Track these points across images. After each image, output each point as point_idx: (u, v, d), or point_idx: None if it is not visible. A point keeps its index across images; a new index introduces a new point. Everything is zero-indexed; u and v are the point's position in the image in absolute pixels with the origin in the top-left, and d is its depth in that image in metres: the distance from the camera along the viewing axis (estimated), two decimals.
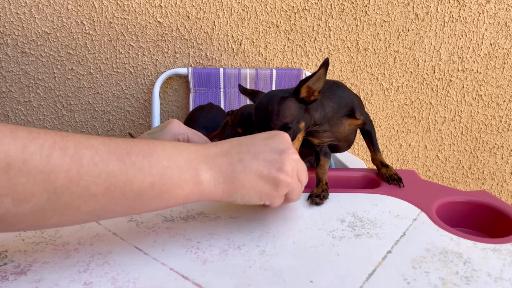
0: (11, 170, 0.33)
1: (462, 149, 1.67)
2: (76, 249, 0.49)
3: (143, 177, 0.41)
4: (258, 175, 0.48)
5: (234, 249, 0.50)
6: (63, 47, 1.31)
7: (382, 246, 0.52)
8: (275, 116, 0.63)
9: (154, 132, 0.62)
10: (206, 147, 0.48)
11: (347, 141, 0.78)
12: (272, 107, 0.64)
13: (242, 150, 0.48)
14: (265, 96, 0.68)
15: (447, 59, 1.49)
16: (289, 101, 0.64)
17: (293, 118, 0.64)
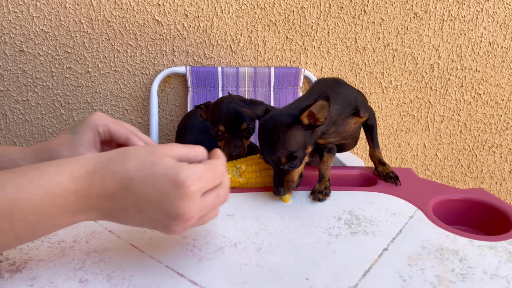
0: None
1: (461, 147, 1.67)
2: (72, 247, 0.49)
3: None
4: (141, 225, 0.43)
5: (230, 247, 0.50)
6: (61, 45, 1.31)
7: (378, 244, 0.52)
8: (281, 146, 0.62)
9: (75, 126, 0.60)
10: (89, 185, 0.40)
11: (353, 139, 0.78)
12: (278, 136, 0.62)
13: (128, 199, 0.40)
14: (270, 119, 0.65)
15: (445, 57, 1.49)
16: (294, 129, 0.62)
17: (299, 146, 0.63)
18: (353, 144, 0.80)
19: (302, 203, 0.63)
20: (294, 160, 0.63)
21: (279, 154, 0.62)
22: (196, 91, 1.36)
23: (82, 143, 0.57)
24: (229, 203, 0.61)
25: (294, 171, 0.64)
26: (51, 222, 0.40)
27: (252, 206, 0.61)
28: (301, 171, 0.67)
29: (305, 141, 0.63)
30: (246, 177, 0.68)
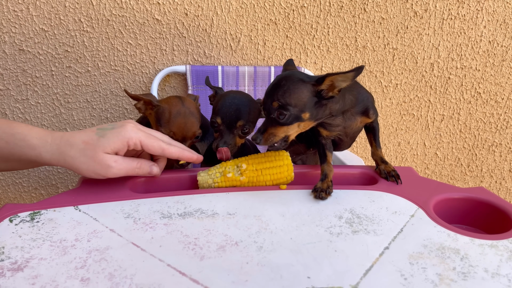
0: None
1: (461, 146, 1.67)
2: (73, 246, 0.49)
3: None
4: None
5: (231, 245, 0.50)
6: (61, 44, 1.31)
7: (379, 242, 0.52)
8: (281, 92, 0.63)
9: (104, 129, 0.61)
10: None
11: (352, 138, 0.79)
12: (284, 83, 0.63)
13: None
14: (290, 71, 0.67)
15: (445, 56, 1.49)
16: (304, 86, 0.63)
17: (298, 104, 0.63)
18: (349, 144, 0.81)
19: (302, 202, 0.63)
20: (285, 112, 0.62)
21: (275, 98, 0.63)
22: (196, 90, 1.36)
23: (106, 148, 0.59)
24: (230, 202, 0.62)
25: (281, 128, 0.64)
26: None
27: (253, 205, 0.61)
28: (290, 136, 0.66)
29: (307, 103, 0.63)
30: (248, 176, 0.68)
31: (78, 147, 0.59)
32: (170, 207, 0.60)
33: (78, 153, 0.59)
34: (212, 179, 0.68)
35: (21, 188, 1.51)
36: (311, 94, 0.63)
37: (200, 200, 0.62)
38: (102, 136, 0.60)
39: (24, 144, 0.59)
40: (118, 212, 0.57)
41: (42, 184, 1.52)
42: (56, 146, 0.59)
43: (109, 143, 0.59)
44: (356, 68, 0.60)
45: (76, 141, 0.59)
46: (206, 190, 0.66)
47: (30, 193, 1.53)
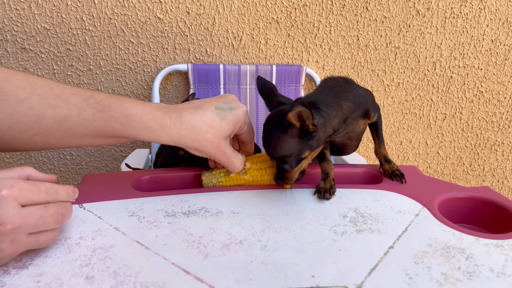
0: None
1: (463, 145, 1.67)
2: (78, 244, 0.49)
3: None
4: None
5: (235, 244, 0.50)
6: (63, 43, 1.31)
7: (384, 242, 0.52)
8: (272, 148, 0.61)
9: (223, 109, 0.59)
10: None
11: (358, 140, 0.77)
12: (271, 138, 0.61)
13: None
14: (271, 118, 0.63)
15: (448, 55, 1.49)
16: (287, 136, 0.60)
17: (291, 152, 0.61)
18: (355, 146, 0.79)
19: (307, 201, 0.63)
20: (285, 164, 0.62)
21: (271, 155, 0.63)
22: (198, 89, 1.36)
23: (226, 132, 0.59)
24: (234, 201, 0.61)
25: (293, 170, 0.64)
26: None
27: (257, 203, 0.61)
28: (303, 168, 0.66)
29: (299, 147, 0.61)
30: (252, 175, 0.68)
31: (201, 129, 0.57)
32: (174, 205, 0.60)
33: (199, 135, 0.57)
34: (216, 178, 0.68)
35: None
36: (296, 138, 0.60)
37: (204, 198, 0.62)
38: (224, 118, 0.58)
39: (141, 127, 0.57)
40: (122, 210, 0.57)
41: None
42: (177, 128, 0.57)
43: (229, 126, 0.58)
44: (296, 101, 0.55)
45: (198, 123, 0.57)
46: (210, 189, 0.66)
47: None
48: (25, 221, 0.41)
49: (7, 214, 0.40)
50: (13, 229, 0.40)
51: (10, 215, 0.40)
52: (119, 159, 1.51)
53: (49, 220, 0.44)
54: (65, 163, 1.50)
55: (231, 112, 0.59)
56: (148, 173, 0.72)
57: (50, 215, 0.44)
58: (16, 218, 0.40)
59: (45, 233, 0.45)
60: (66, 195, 0.47)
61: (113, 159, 1.52)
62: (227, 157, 0.62)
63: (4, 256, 0.42)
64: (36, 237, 0.44)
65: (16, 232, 0.41)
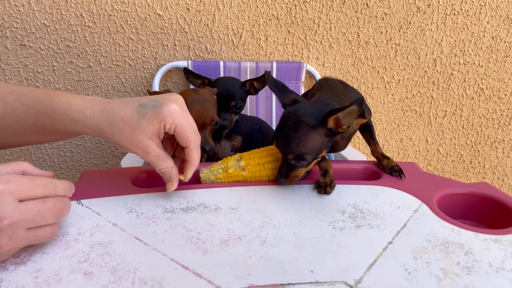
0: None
1: (463, 143, 1.66)
2: (76, 240, 0.49)
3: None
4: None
5: (234, 240, 0.50)
6: (62, 39, 1.30)
7: (383, 237, 0.52)
8: (294, 144, 0.62)
9: (146, 106, 0.55)
10: None
11: (347, 140, 0.79)
12: (296, 135, 0.62)
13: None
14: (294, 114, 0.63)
15: (448, 52, 1.49)
16: (315, 133, 0.61)
17: (314, 150, 0.63)
18: (345, 145, 0.81)
19: (305, 197, 0.63)
20: (302, 161, 0.63)
21: (289, 151, 0.63)
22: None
23: (146, 132, 0.54)
24: (233, 197, 0.61)
25: (301, 169, 0.65)
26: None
27: (256, 199, 0.61)
28: (310, 168, 0.67)
29: (321, 146, 0.63)
30: (250, 171, 0.68)
31: (118, 125, 0.54)
32: (172, 201, 0.59)
33: (117, 131, 0.54)
34: (214, 175, 0.68)
35: None
36: (323, 137, 0.63)
37: (203, 194, 0.62)
38: (142, 116, 0.54)
39: (66, 119, 0.55)
40: (120, 206, 0.57)
41: None
42: (95, 121, 0.54)
43: (149, 125, 0.53)
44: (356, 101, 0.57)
45: (116, 119, 0.54)
46: (209, 185, 0.66)
47: None
48: (23, 216, 0.41)
49: (4, 209, 0.39)
50: (11, 224, 0.40)
51: (7, 210, 0.40)
52: (119, 156, 1.51)
53: (47, 214, 0.44)
54: (65, 160, 1.50)
55: (153, 110, 0.54)
56: (146, 169, 0.72)
57: (48, 210, 0.44)
58: (13, 213, 0.40)
59: (44, 228, 0.44)
60: (64, 189, 0.47)
61: (113, 156, 1.52)
62: (150, 158, 0.56)
63: (3, 252, 0.42)
64: (35, 233, 0.44)
65: (14, 228, 0.41)
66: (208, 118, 0.77)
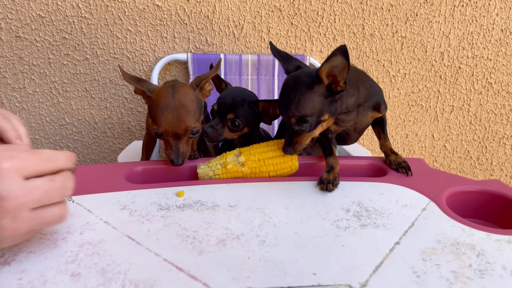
0: None
1: (471, 139, 1.64)
2: (65, 238, 0.47)
3: None
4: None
5: (232, 239, 0.48)
6: (58, 31, 1.28)
7: (389, 237, 0.49)
8: (294, 106, 0.61)
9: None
10: None
11: (360, 133, 0.77)
12: (294, 95, 0.61)
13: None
14: (293, 77, 0.64)
15: (456, 45, 1.46)
16: (312, 92, 0.61)
17: (314, 111, 0.62)
18: (356, 138, 0.80)
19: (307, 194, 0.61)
20: (304, 123, 0.62)
21: (290, 114, 0.62)
22: None
23: None
24: (231, 194, 0.59)
25: (306, 135, 0.64)
26: None
27: (256, 196, 0.59)
28: (315, 135, 0.66)
29: (322, 107, 0.62)
30: (250, 167, 0.66)
31: None
32: (168, 198, 0.57)
33: None
34: (212, 171, 0.66)
35: None
36: (322, 96, 0.61)
37: (200, 191, 0.60)
38: None
39: None
40: (113, 203, 0.55)
41: None
42: None
43: None
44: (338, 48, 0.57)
45: None
46: (207, 181, 0.64)
47: None
48: (30, 196, 0.38)
49: (10, 189, 0.37)
50: (17, 204, 0.37)
51: (14, 190, 0.37)
52: (117, 151, 1.49)
53: (55, 194, 0.41)
54: None
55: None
56: (141, 164, 0.70)
57: (56, 189, 0.41)
58: (19, 193, 0.37)
59: (50, 209, 0.41)
60: (65, 160, 0.44)
61: (111, 151, 1.50)
62: None
63: (5, 235, 0.38)
64: (40, 214, 0.40)
65: (20, 208, 0.38)
66: (180, 128, 0.66)
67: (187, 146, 0.69)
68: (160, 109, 0.65)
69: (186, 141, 0.68)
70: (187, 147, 0.69)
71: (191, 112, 0.67)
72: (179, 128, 0.66)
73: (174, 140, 0.67)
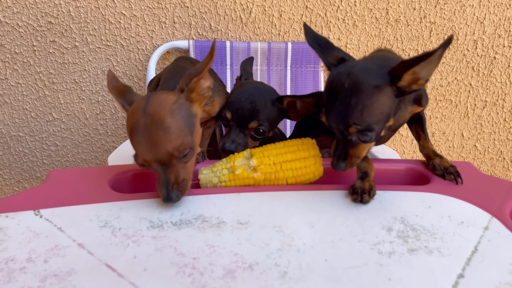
0: None
1: (504, 138, 1.57)
2: (23, 269, 0.37)
3: None
4: None
5: (243, 270, 0.39)
6: (43, 15, 1.22)
7: (449, 267, 0.40)
8: (357, 114, 0.52)
9: None
10: None
11: (393, 131, 0.71)
12: (357, 100, 0.52)
13: None
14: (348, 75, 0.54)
15: (491, 32, 1.39)
16: (383, 95, 0.52)
17: (381, 117, 0.53)
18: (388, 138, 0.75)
19: (336, 207, 0.51)
20: (370, 133, 0.53)
21: (351, 123, 0.53)
22: None
23: None
24: (241, 207, 0.50)
25: (365, 146, 0.55)
26: None
27: (272, 210, 0.50)
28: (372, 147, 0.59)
29: (390, 111, 0.54)
30: (263, 172, 0.57)
31: None
32: (161, 212, 0.49)
33: None
34: (217, 177, 0.58)
35: (2, 181, 1.44)
36: (392, 97, 0.53)
37: (201, 203, 0.51)
38: None
39: None
40: (92, 219, 0.46)
41: (25, 176, 1.44)
42: None
43: None
44: (443, 43, 0.47)
45: None
46: (210, 190, 0.56)
47: (12, 187, 1.45)
48: None
49: None
50: None
51: None
52: (110, 150, 1.42)
53: None
54: (49, 155, 1.41)
55: None
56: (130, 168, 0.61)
57: None
58: None
59: None
60: None
61: (104, 151, 1.43)
62: None
63: None
64: None
65: None
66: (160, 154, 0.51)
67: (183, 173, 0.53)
68: (130, 131, 0.52)
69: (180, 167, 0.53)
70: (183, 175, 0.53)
71: (170, 129, 0.51)
72: (159, 154, 0.51)
73: (161, 169, 0.52)
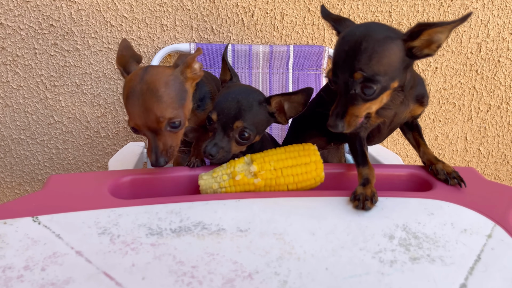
0: None
1: (508, 141, 1.57)
2: (20, 277, 0.37)
3: None
4: None
5: (243, 279, 0.39)
6: (45, 18, 1.22)
7: (451, 277, 0.40)
8: (364, 58, 0.52)
9: None
10: None
11: (391, 131, 0.70)
12: (368, 45, 0.52)
13: None
14: (362, 26, 0.56)
15: (495, 35, 1.38)
16: (394, 45, 0.53)
17: (388, 71, 0.53)
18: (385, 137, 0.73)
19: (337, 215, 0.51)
20: (373, 85, 0.53)
21: (356, 67, 0.52)
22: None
23: None
24: (241, 213, 0.50)
25: (363, 105, 0.55)
26: None
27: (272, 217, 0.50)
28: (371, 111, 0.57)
29: (397, 68, 0.54)
30: (264, 178, 0.57)
31: None
32: (161, 219, 0.48)
33: None
34: (217, 183, 0.58)
35: (3, 184, 1.43)
36: (402, 55, 0.54)
37: (201, 209, 0.51)
38: None
39: None
40: (91, 225, 0.46)
41: (26, 179, 1.44)
42: None
43: None
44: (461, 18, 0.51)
45: None
46: (210, 196, 0.56)
47: (13, 189, 1.45)
48: None
49: None
50: None
51: None
52: (111, 153, 1.42)
53: None
54: (50, 158, 1.41)
55: None
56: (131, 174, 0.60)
57: None
58: None
59: None
60: None
61: (105, 154, 1.43)
62: None
63: None
64: None
65: None
66: (150, 120, 0.56)
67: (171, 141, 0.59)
68: (126, 96, 0.57)
69: (168, 136, 0.58)
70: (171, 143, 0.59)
71: (162, 98, 0.56)
72: (149, 120, 0.56)
73: (152, 136, 0.58)
